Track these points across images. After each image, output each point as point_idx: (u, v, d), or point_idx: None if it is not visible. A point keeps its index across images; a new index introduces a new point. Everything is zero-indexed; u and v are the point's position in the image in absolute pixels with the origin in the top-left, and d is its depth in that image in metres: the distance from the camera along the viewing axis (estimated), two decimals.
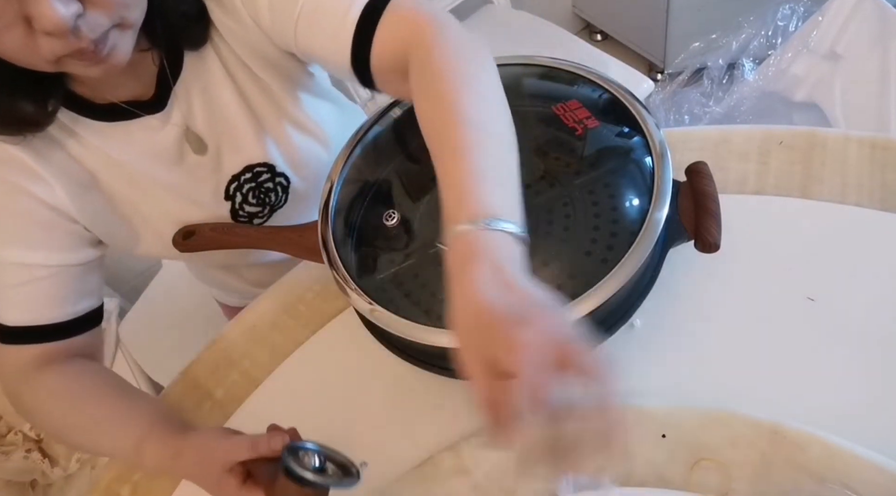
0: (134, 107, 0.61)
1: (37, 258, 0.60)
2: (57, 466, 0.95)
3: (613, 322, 0.56)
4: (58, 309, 0.62)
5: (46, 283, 0.61)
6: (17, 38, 0.46)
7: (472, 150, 0.46)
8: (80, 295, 0.64)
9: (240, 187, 0.71)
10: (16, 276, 0.60)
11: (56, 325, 0.62)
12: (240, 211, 0.73)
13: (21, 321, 0.60)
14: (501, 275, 0.39)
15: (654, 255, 0.57)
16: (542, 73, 0.67)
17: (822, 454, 0.51)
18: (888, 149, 0.69)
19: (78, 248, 0.63)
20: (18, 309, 0.60)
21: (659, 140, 0.57)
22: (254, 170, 0.71)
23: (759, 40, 1.42)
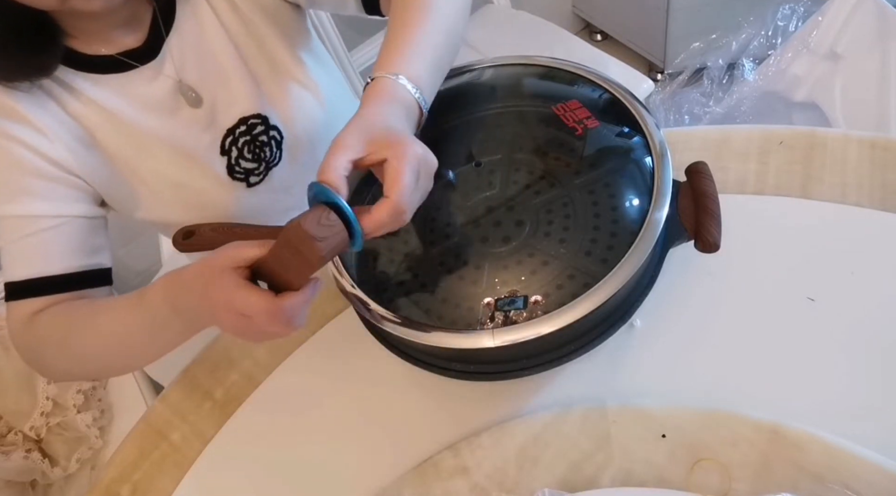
0: (126, 57, 0.62)
1: (41, 208, 0.60)
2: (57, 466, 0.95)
3: (613, 322, 0.56)
4: (66, 259, 0.61)
5: (53, 234, 0.60)
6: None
7: (413, 27, 0.56)
8: (89, 249, 0.63)
9: (235, 141, 0.71)
10: (21, 229, 0.59)
11: (66, 276, 0.61)
12: (236, 166, 0.73)
13: (29, 274, 0.60)
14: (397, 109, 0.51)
15: (654, 255, 0.57)
16: (542, 73, 0.67)
17: (822, 454, 0.51)
18: (888, 149, 0.69)
19: (82, 200, 0.63)
20: (26, 262, 0.60)
21: (659, 140, 0.57)
22: (248, 122, 0.71)
23: (759, 40, 1.42)
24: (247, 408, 0.68)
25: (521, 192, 0.58)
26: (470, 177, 0.60)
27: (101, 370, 0.63)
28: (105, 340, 0.58)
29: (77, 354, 0.59)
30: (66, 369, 0.62)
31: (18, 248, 0.60)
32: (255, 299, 0.44)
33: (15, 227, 0.59)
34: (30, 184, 0.60)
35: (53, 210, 0.60)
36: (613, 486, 0.54)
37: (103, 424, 1.00)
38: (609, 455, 0.55)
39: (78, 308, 0.60)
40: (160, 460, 0.67)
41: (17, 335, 0.62)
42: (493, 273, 0.54)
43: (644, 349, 0.62)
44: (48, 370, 0.63)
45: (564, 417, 0.57)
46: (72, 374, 0.68)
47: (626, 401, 0.57)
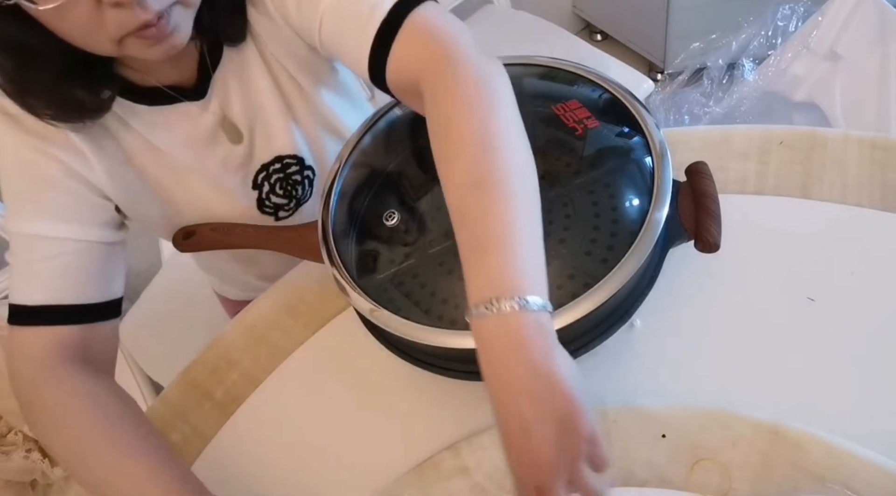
0: (176, 92, 0.62)
1: (69, 232, 0.59)
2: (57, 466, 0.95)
3: (613, 322, 0.56)
4: (83, 288, 0.60)
5: (75, 259, 0.59)
6: (84, 13, 0.47)
7: (492, 215, 0.43)
8: (106, 278, 0.62)
9: (268, 177, 0.72)
10: (45, 250, 0.58)
11: (79, 307, 0.59)
12: (266, 201, 0.74)
13: (44, 299, 0.58)
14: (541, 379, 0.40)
15: (654, 255, 0.57)
16: (542, 73, 0.67)
17: (822, 454, 0.51)
18: (888, 149, 0.69)
19: (108, 226, 0.63)
20: (43, 286, 0.58)
21: (659, 140, 0.57)
22: (283, 161, 0.72)
23: (759, 40, 1.42)
24: (247, 408, 0.68)
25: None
26: None
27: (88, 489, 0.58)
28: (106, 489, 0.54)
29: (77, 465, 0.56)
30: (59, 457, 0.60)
31: (40, 268, 0.58)
32: None
33: (40, 247, 0.58)
34: (63, 205, 0.59)
35: (80, 234, 0.59)
36: (613, 486, 0.53)
37: None
38: (609, 455, 0.55)
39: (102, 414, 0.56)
40: None
41: (22, 368, 0.58)
42: None
43: (644, 349, 0.62)
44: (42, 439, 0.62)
45: None
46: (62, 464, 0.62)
47: (626, 401, 0.57)
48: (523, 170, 0.47)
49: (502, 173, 0.45)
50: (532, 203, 0.46)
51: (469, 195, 0.45)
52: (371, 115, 0.69)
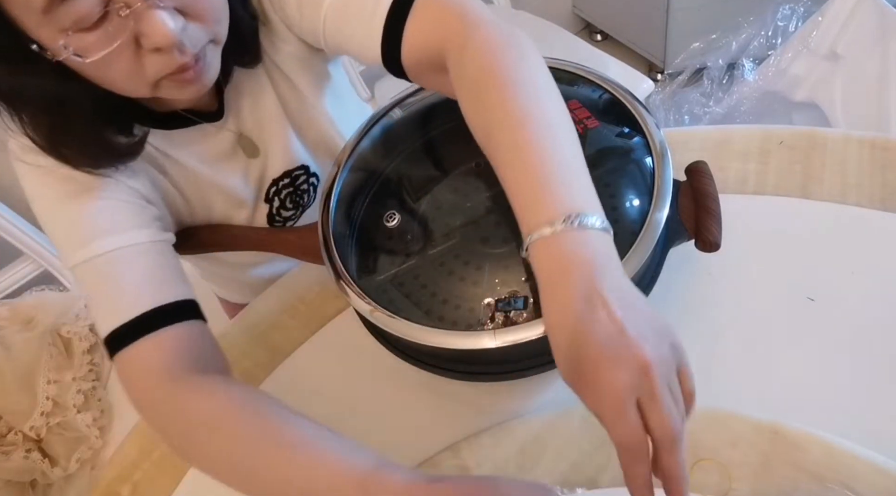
0: (192, 114, 0.62)
1: (129, 238, 0.56)
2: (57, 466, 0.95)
3: None
4: (167, 286, 0.56)
5: (146, 260, 0.56)
6: (126, 60, 0.48)
7: (536, 145, 0.44)
8: (180, 276, 0.58)
9: (278, 192, 0.73)
10: (115, 264, 0.55)
11: (171, 306, 0.54)
12: (276, 216, 0.75)
13: (137, 309, 0.53)
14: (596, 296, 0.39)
15: (655, 255, 0.57)
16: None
17: (822, 454, 0.51)
18: (888, 149, 0.69)
19: (160, 228, 0.61)
20: (130, 298, 0.54)
21: (659, 140, 0.57)
22: (292, 174, 0.73)
23: (759, 40, 1.42)
24: None
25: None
26: (470, 177, 0.60)
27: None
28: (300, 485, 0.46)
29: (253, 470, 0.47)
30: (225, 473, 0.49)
31: (115, 286, 0.54)
32: None
33: (106, 266, 0.55)
34: (112, 215, 0.57)
35: (141, 237, 0.57)
36: (613, 486, 0.54)
37: (103, 424, 1.00)
38: (609, 455, 0.55)
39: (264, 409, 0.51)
40: (160, 460, 0.67)
41: (143, 387, 0.52)
42: (493, 273, 0.54)
43: None
44: (199, 459, 0.51)
45: (564, 417, 0.57)
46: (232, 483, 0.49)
47: None
48: (562, 109, 0.48)
49: (545, 111, 0.46)
50: (575, 139, 0.46)
51: (514, 131, 0.45)
52: (369, 116, 0.69)
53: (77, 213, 0.56)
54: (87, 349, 1.03)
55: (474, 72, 0.49)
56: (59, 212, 0.56)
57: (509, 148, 0.45)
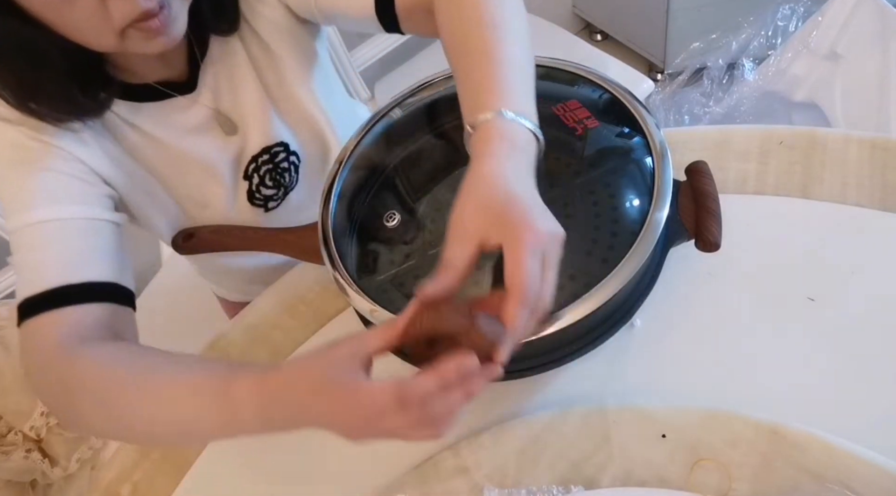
0: (166, 87, 0.63)
1: (73, 212, 0.56)
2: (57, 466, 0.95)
3: (614, 322, 0.56)
4: (97, 265, 0.56)
5: (83, 237, 0.56)
6: (88, 5, 0.48)
7: (494, 50, 0.50)
8: (118, 260, 0.58)
9: (257, 168, 0.73)
10: (50, 234, 0.55)
11: (97, 285, 0.55)
12: (256, 193, 0.75)
13: (56, 281, 0.53)
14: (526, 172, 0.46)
15: (655, 255, 0.57)
16: (542, 73, 0.67)
17: (822, 454, 0.51)
18: (888, 149, 0.69)
19: (112, 210, 0.61)
20: (53, 269, 0.54)
21: (659, 140, 0.57)
22: (271, 150, 0.73)
23: (759, 40, 1.42)
24: None
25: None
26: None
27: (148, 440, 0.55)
28: (165, 418, 0.50)
29: (122, 421, 0.51)
30: (103, 429, 0.54)
31: (42, 256, 0.55)
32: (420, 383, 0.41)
33: (40, 234, 0.55)
34: (67, 189, 0.57)
35: (85, 213, 0.57)
36: (613, 486, 0.54)
37: None
38: (609, 455, 0.55)
39: (130, 360, 0.52)
40: (160, 460, 0.67)
41: (41, 358, 0.52)
42: (493, 274, 0.54)
43: (644, 349, 0.62)
44: (78, 422, 0.53)
45: (564, 417, 0.57)
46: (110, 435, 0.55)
47: (626, 401, 0.57)
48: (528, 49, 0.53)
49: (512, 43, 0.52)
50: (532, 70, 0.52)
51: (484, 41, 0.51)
52: (370, 116, 0.69)
53: (21, 181, 0.56)
54: None
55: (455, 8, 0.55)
56: (5, 177, 0.57)
57: (473, 48, 0.52)
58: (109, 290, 0.56)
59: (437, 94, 0.68)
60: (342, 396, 0.43)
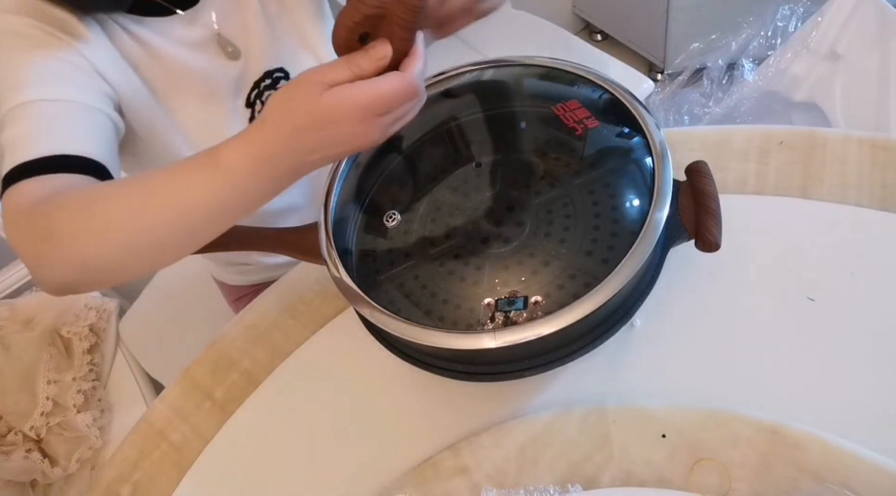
0: (167, 2, 0.63)
1: (73, 94, 0.55)
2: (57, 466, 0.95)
3: (614, 322, 0.56)
4: (90, 144, 0.53)
5: (79, 116, 0.54)
6: None
7: None
8: (110, 149, 0.56)
9: (260, 95, 0.73)
10: (45, 110, 0.53)
11: (87, 161, 0.52)
12: None
13: (47, 150, 0.51)
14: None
15: (655, 255, 0.57)
16: (542, 73, 0.67)
17: (822, 454, 0.51)
18: (888, 149, 0.69)
19: (112, 107, 0.60)
20: (45, 140, 0.51)
21: (659, 140, 0.57)
22: (273, 75, 0.73)
23: (759, 40, 1.42)
24: (247, 408, 0.68)
25: (521, 193, 0.58)
26: (470, 177, 0.60)
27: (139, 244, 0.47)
28: (156, 205, 0.46)
29: (109, 222, 0.46)
30: (86, 243, 0.46)
31: (33, 129, 0.52)
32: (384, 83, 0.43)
33: (35, 112, 0.53)
34: (69, 74, 0.56)
35: (84, 98, 0.56)
36: (613, 486, 0.54)
37: (103, 424, 1.00)
38: (609, 455, 0.55)
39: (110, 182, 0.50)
40: (160, 460, 0.67)
41: (18, 213, 0.48)
42: (493, 274, 0.54)
43: (644, 349, 0.62)
44: (59, 248, 0.46)
45: (564, 417, 0.57)
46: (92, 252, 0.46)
47: (626, 401, 0.57)
48: None
49: None
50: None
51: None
52: None
53: (20, 63, 0.55)
54: (87, 349, 1.04)
55: None
56: (6, 62, 0.56)
57: None
58: (101, 172, 0.53)
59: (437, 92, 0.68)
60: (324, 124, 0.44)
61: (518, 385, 0.61)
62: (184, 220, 0.47)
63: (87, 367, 1.02)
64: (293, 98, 0.44)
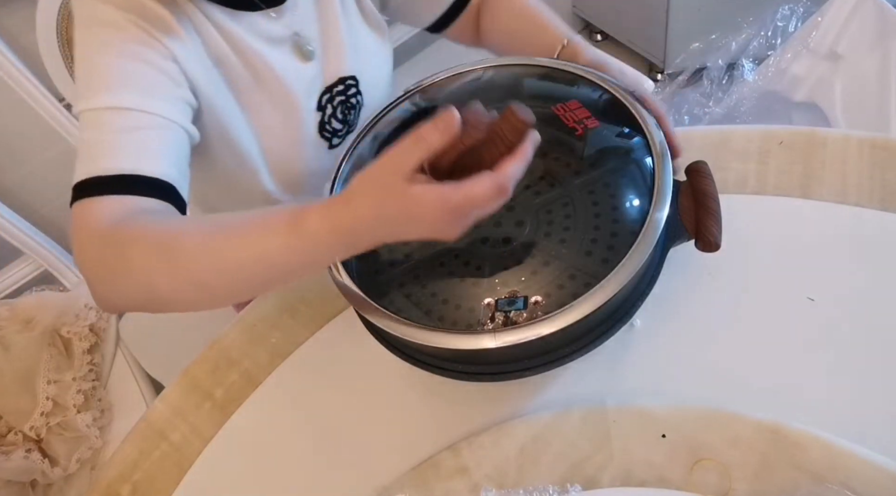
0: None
1: (158, 108, 0.56)
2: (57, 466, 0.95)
3: (614, 322, 0.56)
4: (167, 165, 0.56)
5: (160, 134, 0.56)
6: None
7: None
8: (184, 169, 0.58)
9: (331, 99, 0.75)
10: (128, 121, 0.55)
11: (162, 183, 0.54)
12: (326, 124, 0.77)
13: (123, 168, 0.53)
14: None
15: (655, 255, 0.57)
16: (542, 73, 0.67)
17: (822, 454, 0.51)
18: (888, 149, 0.69)
19: (188, 119, 0.61)
20: (124, 155, 0.54)
21: (659, 140, 0.57)
22: (346, 82, 0.75)
23: (759, 40, 1.42)
24: (247, 408, 0.68)
25: (521, 193, 0.58)
26: None
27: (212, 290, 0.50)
28: (234, 256, 0.48)
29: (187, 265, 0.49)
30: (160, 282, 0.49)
31: (121, 138, 0.54)
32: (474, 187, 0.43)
33: (119, 120, 0.54)
34: (155, 82, 0.57)
35: (168, 113, 0.57)
36: (613, 486, 0.54)
37: (103, 424, 1.00)
38: (609, 455, 0.55)
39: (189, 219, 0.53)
40: (160, 460, 0.67)
41: (90, 234, 0.51)
42: (493, 274, 0.54)
43: (644, 349, 0.62)
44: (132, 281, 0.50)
45: (564, 417, 0.57)
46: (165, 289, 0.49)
47: (626, 401, 0.57)
48: None
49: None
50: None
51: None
52: (372, 115, 0.69)
53: (113, 60, 0.56)
54: (87, 349, 1.04)
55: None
56: (97, 54, 0.57)
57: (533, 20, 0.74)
58: (172, 193, 0.56)
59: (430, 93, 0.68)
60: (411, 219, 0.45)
61: (518, 385, 0.61)
62: (260, 274, 0.50)
63: (87, 367, 1.02)
64: (380, 185, 0.45)
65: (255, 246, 0.48)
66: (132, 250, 0.49)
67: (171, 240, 0.49)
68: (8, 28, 1.04)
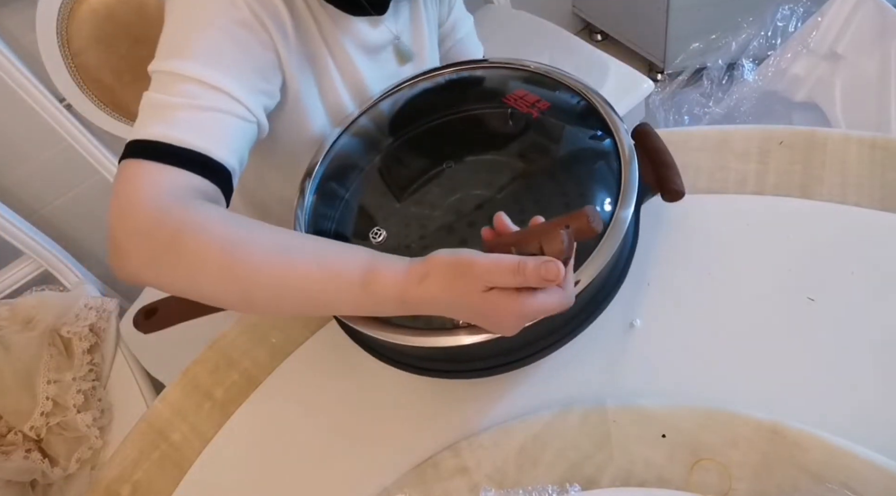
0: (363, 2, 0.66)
1: (242, 96, 0.57)
2: (57, 466, 0.95)
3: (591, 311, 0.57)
4: (232, 153, 0.56)
5: (235, 122, 0.57)
6: None
7: None
8: (242, 162, 0.59)
9: None
10: (213, 100, 0.55)
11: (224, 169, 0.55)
12: None
13: (196, 145, 0.52)
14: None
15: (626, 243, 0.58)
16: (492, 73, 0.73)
17: (822, 454, 0.51)
18: (888, 149, 0.69)
19: (264, 112, 0.61)
20: (198, 131, 0.53)
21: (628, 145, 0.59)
22: None
23: (759, 40, 1.42)
24: (247, 408, 0.68)
25: (491, 190, 0.59)
26: (441, 180, 0.61)
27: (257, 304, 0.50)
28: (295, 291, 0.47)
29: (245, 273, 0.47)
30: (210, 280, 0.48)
31: (197, 114, 0.54)
32: (548, 300, 0.44)
33: (209, 96, 0.54)
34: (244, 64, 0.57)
35: (251, 105, 0.58)
36: (613, 486, 0.54)
37: (103, 424, 1.00)
38: (609, 455, 0.55)
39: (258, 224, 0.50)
40: (160, 460, 0.67)
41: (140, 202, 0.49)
42: None
43: (644, 349, 0.62)
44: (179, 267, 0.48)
45: (564, 417, 0.57)
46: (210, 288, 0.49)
47: (626, 401, 0.57)
48: None
49: None
50: None
51: None
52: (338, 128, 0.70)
53: (216, 37, 0.56)
54: (87, 349, 1.04)
55: None
56: (203, 23, 0.56)
57: None
58: (227, 183, 0.56)
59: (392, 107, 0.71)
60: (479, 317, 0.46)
61: (518, 385, 0.61)
62: (310, 310, 0.51)
63: (87, 367, 1.02)
64: (462, 281, 0.44)
65: (320, 290, 0.48)
66: (191, 238, 0.47)
67: (237, 244, 0.48)
68: (8, 28, 1.04)
